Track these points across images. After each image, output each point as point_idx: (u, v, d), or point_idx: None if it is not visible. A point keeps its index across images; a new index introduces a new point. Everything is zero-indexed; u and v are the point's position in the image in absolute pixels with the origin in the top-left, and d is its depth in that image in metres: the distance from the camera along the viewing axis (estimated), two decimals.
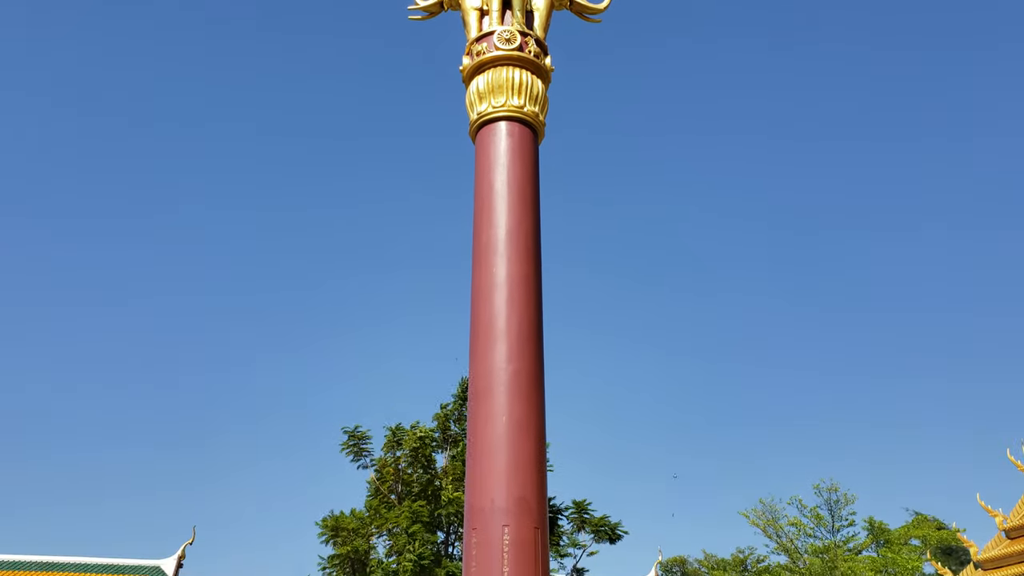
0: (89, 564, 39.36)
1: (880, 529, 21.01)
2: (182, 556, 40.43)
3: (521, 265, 9.77)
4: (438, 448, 21.35)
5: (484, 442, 9.16)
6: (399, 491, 20.56)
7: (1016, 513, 37.47)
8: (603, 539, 20.92)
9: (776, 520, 22.25)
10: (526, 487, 8.93)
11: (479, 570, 8.61)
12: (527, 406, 9.27)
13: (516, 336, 9.38)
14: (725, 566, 31.61)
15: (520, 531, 8.68)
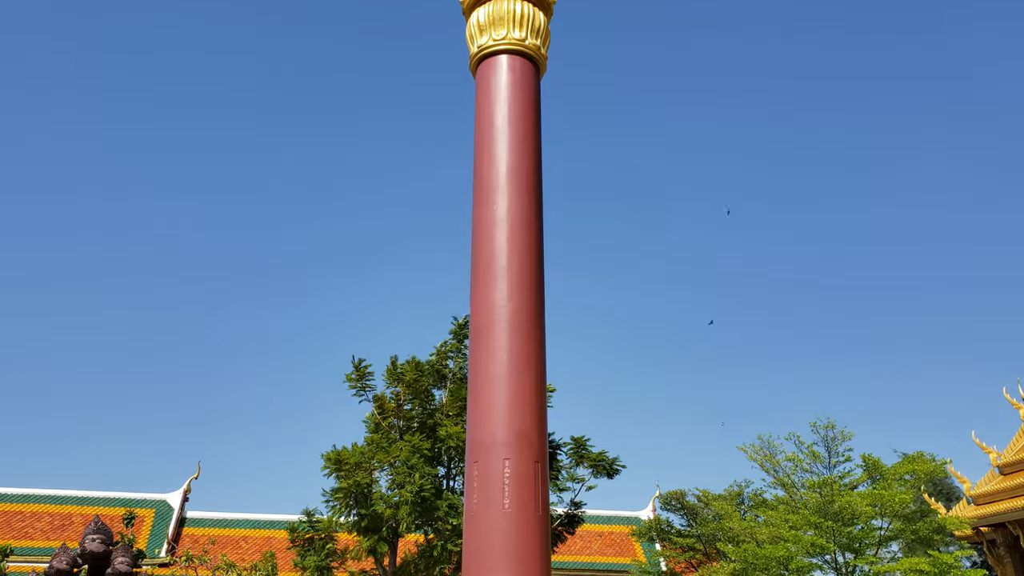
0: (97, 498, 40.09)
1: (875, 465, 21.32)
2: (188, 490, 41.16)
3: (522, 202, 9.75)
4: (436, 385, 21.56)
5: (485, 378, 9.26)
6: (399, 426, 20.83)
7: (1010, 449, 37.96)
8: (601, 473, 21.23)
9: (773, 455, 22.56)
10: (526, 421, 9.06)
11: (480, 502, 8.77)
12: (527, 343, 9.34)
13: (517, 274, 9.41)
14: (722, 499, 32.12)
15: (520, 464, 8.82)
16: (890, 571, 20.05)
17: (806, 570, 21.00)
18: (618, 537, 43.06)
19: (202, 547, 29.62)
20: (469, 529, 8.85)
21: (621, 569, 39.31)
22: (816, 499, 20.57)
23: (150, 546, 37.05)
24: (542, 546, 8.66)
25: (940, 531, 21.64)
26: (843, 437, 21.49)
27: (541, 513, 8.84)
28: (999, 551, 37.76)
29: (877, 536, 21.03)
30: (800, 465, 22.06)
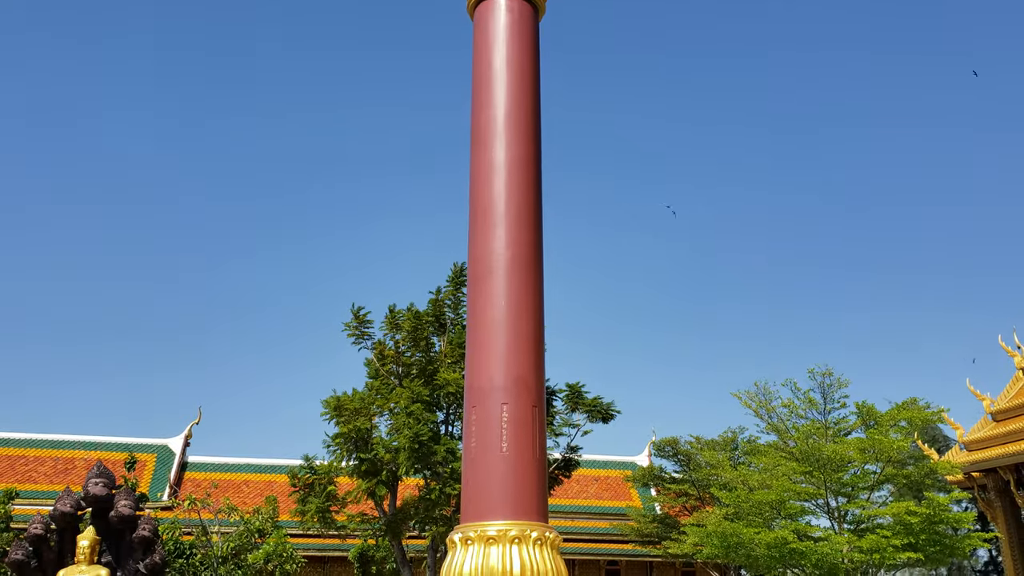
0: (99, 443, 40.47)
1: (869, 412, 21.49)
2: (189, 435, 41.55)
3: (520, 147, 9.68)
4: (435, 332, 21.63)
5: (484, 324, 9.30)
6: (399, 373, 20.96)
7: (1004, 396, 38.33)
8: (596, 419, 21.43)
9: (769, 402, 22.73)
10: (524, 367, 9.12)
11: (479, 446, 8.88)
12: (525, 290, 9.36)
13: (515, 220, 9.39)
14: (716, 446, 32.50)
15: (518, 409, 8.91)
16: (881, 515, 20.35)
17: (798, 514, 21.33)
18: (614, 482, 43.65)
19: (204, 491, 30.01)
20: (468, 472, 8.98)
21: (617, 513, 39.92)
22: (807, 445, 20.79)
23: (152, 490, 37.52)
24: (539, 488, 8.79)
25: (932, 476, 21.91)
26: (839, 384, 21.65)
27: (538, 456, 8.96)
28: (990, 496, 38.35)
29: (870, 481, 21.32)
30: (795, 411, 22.25)
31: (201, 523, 27.80)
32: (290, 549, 27.38)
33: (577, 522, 39.39)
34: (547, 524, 8.60)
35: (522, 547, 8.17)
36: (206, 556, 26.49)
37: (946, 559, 21.62)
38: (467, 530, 8.41)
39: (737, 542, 20.81)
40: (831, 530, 20.97)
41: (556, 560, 8.35)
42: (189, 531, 28.44)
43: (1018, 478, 36.33)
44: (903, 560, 19.45)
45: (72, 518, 22.15)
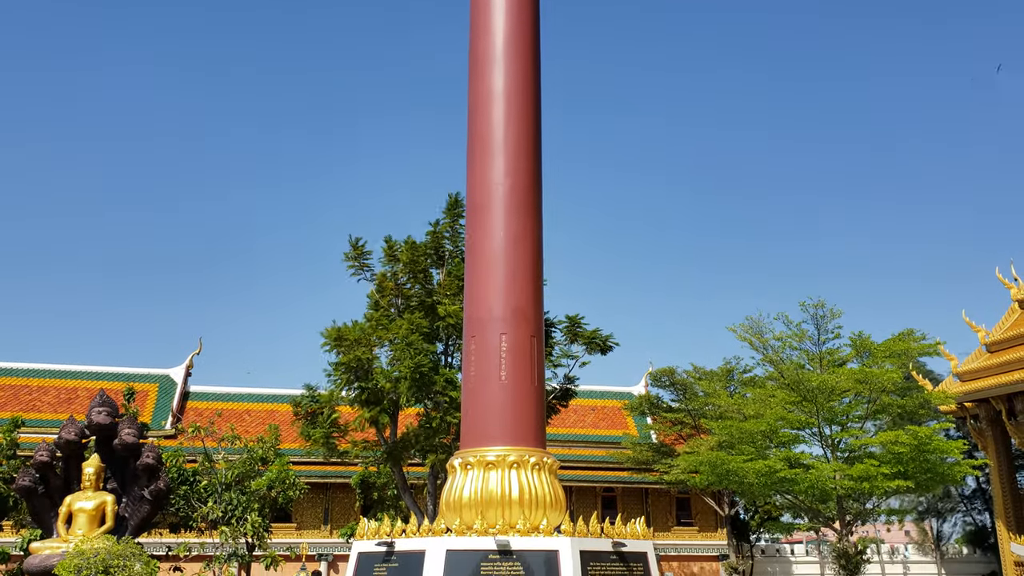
0: (101, 373, 40.82)
1: (863, 343, 21.65)
2: (190, 365, 41.88)
3: (519, 75, 9.55)
4: (433, 264, 21.64)
5: (482, 255, 9.31)
6: (398, 305, 21.04)
7: (999, 328, 38.61)
8: (595, 351, 21.56)
9: (762, 334, 22.89)
10: (523, 298, 9.17)
11: (478, 374, 8.98)
12: (524, 220, 9.35)
13: (514, 149, 9.32)
14: (712, 376, 32.85)
15: (517, 339, 8.99)
16: (872, 443, 20.67)
17: (791, 443, 21.67)
18: (611, 411, 44.23)
19: (207, 420, 30.41)
20: (467, 400, 9.10)
21: (613, 441, 40.55)
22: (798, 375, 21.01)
23: (155, 419, 37.98)
24: (537, 416, 8.93)
25: (925, 406, 22.20)
26: (832, 315, 21.76)
27: (537, 385, 9.08)
28: (981, 425, 38.95)
29: (863, 410, 21.60)
30: (788, 343, 22.41)
31: (204, 451, 28.24)
32: (293, 476, 27.86)
33: (574, 450, 40.02)
34: (545, 450, 8.75)
35: (520, 471, 8.33)
36: (210, 483, 26.98)
37: (935, 486, 22.05)
38: (467, 455, 8.56)
39: (729, 470, 21.19)
40: (823, 458, 21.33)
41: (553, 484, 8.52)
42: (193, 459, 28.89)
43: (1010, 408, 36.84)
44: (893, 487, 19.82)
45: (77, 446, 22.52)
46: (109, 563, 13.45)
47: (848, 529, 20.97)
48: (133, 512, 22.13)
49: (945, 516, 47.25)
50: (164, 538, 31.68)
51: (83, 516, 21.14)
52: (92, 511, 21.27)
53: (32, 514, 22.75)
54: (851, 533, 21.09)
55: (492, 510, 8.12)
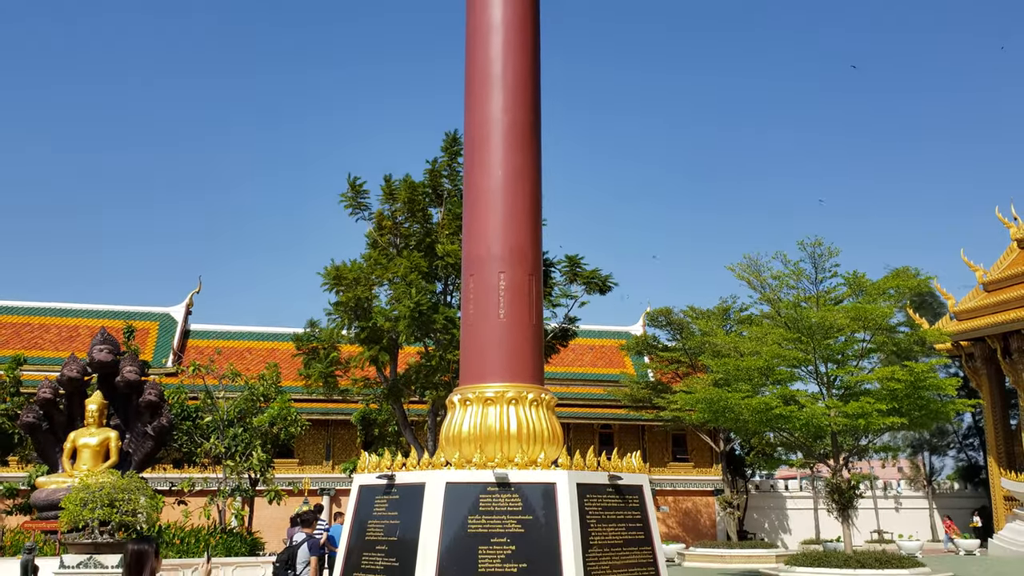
0: (102, 311, 40.95)
1: (859, 281, 21.66)
2: (190, 304, 42.01)
3: (519, 6, 9.38)
4: (432, 203, 21.53)
5: (480, 192, 9.27)
6: (397, 244, 21.01)
7: (996, 267, 38.71)
8: (594, 291, 21.59)
9: (760, 273, 22.89)
10: (521, 236, 9.15)
11: (476, 312, 9.02)
12: (523, 157, 9.28)
13: (513, 84, 9.21)
14: (709, 315, 33.01)
15: (515, 277, 9.00)
16: (868, 380, 20.84)
17: (786, 380, 21.85)
18: (609, 351, 44.56)
19: (207, 358, 30.62)
20: (466, 337, 9.16)
21: (611, 380, 40.94)
22: (796, 312, 21.07)
23: (156, 357, 38.23)
24: (535, 353, 8.99)
25: (921, 344, 22.31)
26: (829, 254, 21.71)
27: (535, 323, 9.12)
28: (976, 364, 39.31)
29: (859, 348, 21.73)
30: (785, 282, 22.43)
31: (206, 388, 28.51)
32: (294, 413, 28.18)
33: (572, 388, 40.43)
34: (543, 387, 8.84)
35: (519, 407, 8.42)
36: (213, 420, 27.29)
37: (930, 424, 22.29)
38: (466, 392, 8.65)
39: (725, 407, 21.40)
40: (819, 396, 21.53)
41: (551, 420, 8.63)
42: (194, 396, 29.18)
43: (1005, 347, 37.13)
44: (887, 424, 20.04)
45: (79, 383, 22.74)
46: (114, 496, 13.69)
47: (842, 465, 21.27)
48: (137, 448, 22.45)
49: (939, 452, 47.97)
50: (168, 473, 32.18)
51: (87, 451, 21.46)
52: (96, 447, 21.58)
53: (37, 450, 23.08)
54: (845, 469, 21.39)
55: (491, 444, 8.24)
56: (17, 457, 30.27)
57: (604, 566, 7.24)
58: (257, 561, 21.03)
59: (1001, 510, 37.67)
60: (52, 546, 18.95)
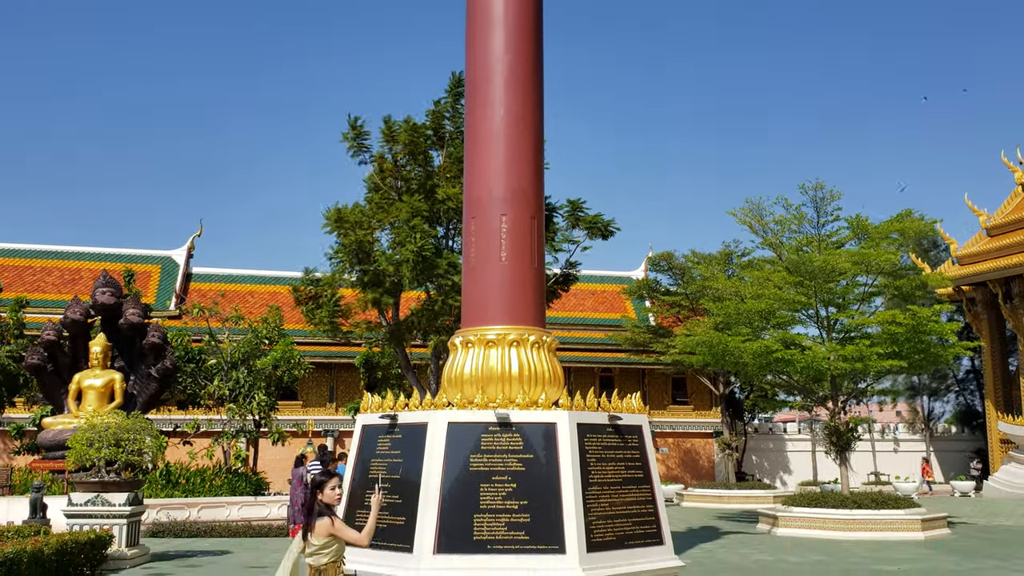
0: (103, 254, 40.95)
1: (860, 225, 21.54)
2: (191, 247, 41.98)
3: None
4: (434, 146, 21.33)
5: (482, 134, 9.19)
6: (398, 187, 20.88)
7: (1001, 212, 38.53)
8: (595, 235, 21.49)
9: (762, 218, 22.77)
10: (523, 178, 9.10)
11: (478, 256, 9.01)
12: (525, 98, 9.18)
13: (515, 21, 9.07)
14: (710, 260, 32.98)
15: (517, 220, 8.97)
16: (869, 323, 20.87)
17: (787, 324, 21.90)
18: (610, 295, 44.64)
19: (210, 301, 30.72)
20: (468, 280, 9.17)
21: (612, 324, 41.08)
22: (799, 256, 21.01)
23: (158, 300, 38.33)
24: (537, 296, 9.01)
25: (922, 288, 22.29)
26: (832, 197, 21.56)
27: (536, 266, 9.12)
28: (977, 308, 39.39)
29: (860, 292, 21.72)
30: (788, 226, 22.33)
31: (209, 331, 28.64)
32: (297, 356, 28.36)
33: (574, 333, 40.60)
34: (544, 329, 8.87)
35: (520, 349, 8.47)
36: (217, 362, 27.47)
37: (928, 367, 22.39)
38: (468, 334, 8.69)
39: (725, 350, 21.48)
40: (819, 339, 21.59)
41: (552, 361, 8.68)
42: (198, 339, 29.33)
43: (1006, 291, 37.16)
44: (886, 367, 20.13)
45: (83, 325, 22.85)
46: (120, 436, 13.83)
47: (840, 408, 21.43)
48: (141, 390, 22.65)
49: (938, 396, 48.33)
50: (172, 415, 32.53)
51: (93, 393, 21.67)
52: (101, 388, 21.78)
53: (43, 391, 23.30)
54: (844, 412, 21.55)
55: (492, 386, 8.30)
56: (23, 398, 30.55)
57: (603, 503, 7.35)
58: (261, 501, 21.37)
59: (997, 453, 38.10)
60: (60, 485, 19.24)
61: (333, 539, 5.49)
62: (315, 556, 5.49)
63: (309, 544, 5.49)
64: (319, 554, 5.48)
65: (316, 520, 5.45)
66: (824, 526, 18.94)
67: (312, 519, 5.48)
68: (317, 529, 5.45)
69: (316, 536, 5.46)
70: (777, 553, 15.67)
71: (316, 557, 5.48)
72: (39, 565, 11.03)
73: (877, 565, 13.92)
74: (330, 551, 5.50)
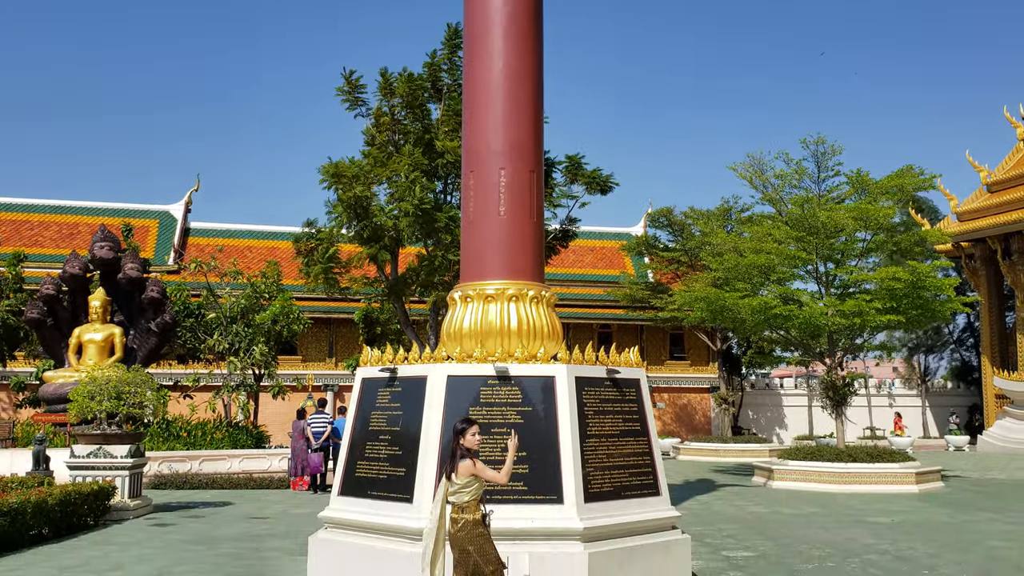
0: (101, 208, 40.82)
1: (861, 180, 21.43)
2: (189, 202, 41.83)
3: None
4: (431, 99, 21.12)
5: (481, 86, 9.10)
6: (396, 141, 20.71)
7: (1001, 168, 38.35)
8: (595, 191, 21.38)
9: (763, 172, 22.65)
10: (522, 131, 9.03)
11: (477, 210, 8.97)
12: (524, 49, 9.07)
13: None
14: (709, 216, 32.91)
15: (516, 173, 8.92)
16: (868, 279, 20.89)
17: (786, 279, 21.91)
18: (609, 252, 44.61)
19: (208, 256, 30.69)
20: (467, 234, 9.15)
21: (611, 281, 41.12)
22: (802, 211, 20.94)
23: (157, 254, 38.29)
24: (536, 250, 9.00)
25: (921, 244, 22.27)
26: (833, 152, 21.43)
27: (536, 220, 9.09)
28: (975, 264, 39.43)
29: (859, 248, 21.70)
30: (788, 181, 22.22)
31: (208, 286, 28.66)
32: (296, 311, 28.40)
33: (573, 289, 40.65)
34: (543, 284, 8.87)
35: (519, 304, 8.48)
36: (216, 316, 27.52)
37: (926, 323, 22.46)
38: (466, 289, 8.69)
39: (723, 306, 21.51)
40: (818, 295, 21.62)
41: (551, 316, 8.70)
42: (196, 294, 29.36)
43: (1006, 248, 37.17)
44: (884, 323, 20.19)
45: (82, 280, 22.85)
46: (121, 390, 13.92)
47: (837, 363, 21.53)
48: (141, 344, 22.73)
49: (934, 352, 48.58)
50: (172, 369, 32.67)
51: (93, 347, 21.74)
52: (101, 342, 21.85)
53: (43, 345, 23.38)
54: (841, 368, 21.66)
55: (491, 340, 8.33)
56: (24, 352, 30.66)
57: (601, 455, 7.42)
58: (262, 453, 21.57)
59: (992, 408, 38.42)
60: (62, 437, 19.40)
61: (474, 479, 6.03)
62: (457, 495, 6.04)
63: (452, 483, 6.04)
64: (461, 493, 6.03)
65: (459, 462, 6.01)
66: (819, 479, 19.16)
67: (456, 461, 6.02)
68: (460, 470, 6.01)
69: (459, 476, 6.01)
70: (772, 505, 15.87)
71: (458, 495, 6.04)
72: (43, 514, 11.17)
73: (871, 517, 14.11)
74: (471, 490, 6.04)
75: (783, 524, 13.19)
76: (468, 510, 6.03)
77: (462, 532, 6.00)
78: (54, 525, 11.52)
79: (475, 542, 5.98)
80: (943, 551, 10.52)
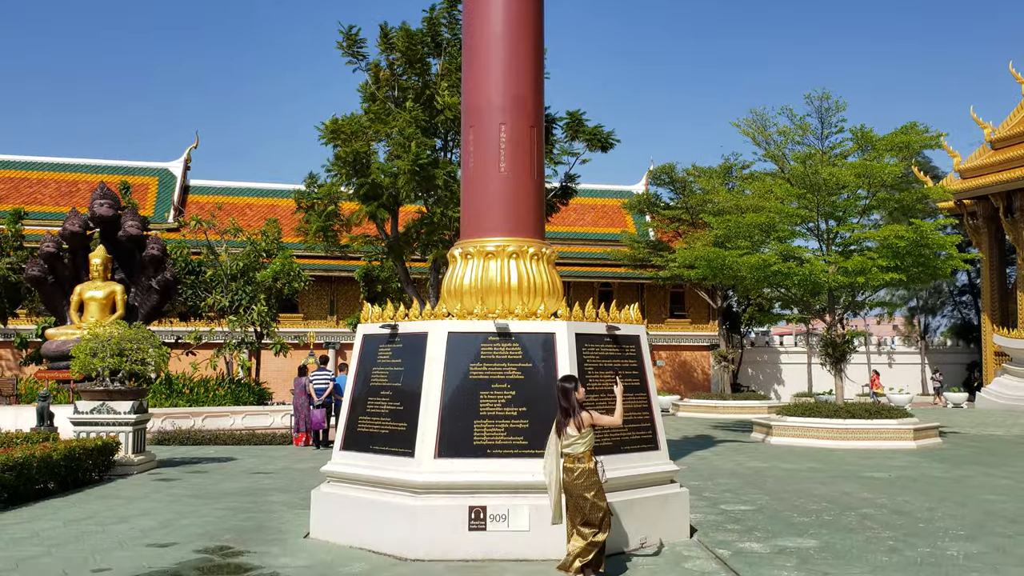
0: (101, 166, 40.63)
1: (865, 136, 21.23)
2: (188, 159, 41.61)
3: None
4: (431, 53, 20.88)
5: (481, 40, 9.00)
6: (395, 97, 20.53)
7: (1006, 125, 38.07)
8: (596, 148, 21.20)
9: (765, 129, 22.43)
10: (523, 86, 8.94)
11: (477, 165, 8.92)
12: (524, 4, 8.95)
13: None
14: (711, 173, 32.72)
15: (517, 129, 8.85)
16: (870, 237, 20.82)
17: (788, 237, 21.83)
18: (610, 210, 44.46)
19: (208, 213, 30.61)
20: (467, 191, 9.11)
21: (612, 239, 41.04)
22: (805, 168, 20.80)
23: (157, 212, 38.19)
24: (536, 207, 8.96)
25: (923, 201, 22.14)
26: (837, 108, 21.20)
27: (536, 177, 9.04)
28: (977, 222, 39.32)
29: (861, 206, 21.59)
30: (791, 137, 22.02)
31: (208, 243, 28.62)
32: (296, 268, 28.40)
33: (573, 247, 40.59)
34: (544, 241, 8.85)
35: (519, 261, 8.47)
36: (216, 274, 27.53)
37: (927, 280, 22.43)
38: (467, 246, 8.67)
39: (724, 264, 21.46)
40: (819, 252, 21.57)
41: (551, 273, 8.69)
42: (197, 251, 29.34)
43: (1008, 205, 37.05)
44: (886, 280, 20.16)
45: (82, 237, 22.83)
46: (123, 346, 13.96)
47: (837, 320, 21.55)
48: (142, 301, 22.77)
49: (934, 311, 48.67)
50: (174, 326, 32.77)
51: (94, 304, 21.79)
52: (103, 299, 21.89)
53: (44, 302, 23.43)
54: (841, 326, 21.68)
55: (492, 297, 8.34)
56: (26, 310, 30.74)
57: (601, 410, 7.46)
58: (265, 410, 21.72)
59: (991, 365, 38.58)
60: (65, 394, 19.53)
61: (590, 429, 6.53)
62: (573, 446, 6.47)
63: (566, 436, 6.47)
64: (577, 444, 6.47)
65: (581, 415, 6.50)
66: (818, 435, 19.29)
67: (576, 415, 6.47)
68: (584, 421, 6.49)
69: (583, 427, 6.47)
70: (771, 460, 16.00)
71: (574, 446, 6.47)
72: (48, 469, 11.28)
73: (868, 472, 14.24)
74: (585, 441, 6.49)
75: (781, 479, 13.32)
76: (583, 459, 6.46)
77: (579, 479, 6.41)
78: (59, 480, 11.64)
79: (592, 488, 6.40)
80: (940, 505, 10.63)
